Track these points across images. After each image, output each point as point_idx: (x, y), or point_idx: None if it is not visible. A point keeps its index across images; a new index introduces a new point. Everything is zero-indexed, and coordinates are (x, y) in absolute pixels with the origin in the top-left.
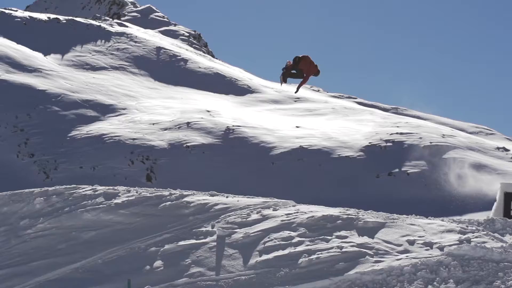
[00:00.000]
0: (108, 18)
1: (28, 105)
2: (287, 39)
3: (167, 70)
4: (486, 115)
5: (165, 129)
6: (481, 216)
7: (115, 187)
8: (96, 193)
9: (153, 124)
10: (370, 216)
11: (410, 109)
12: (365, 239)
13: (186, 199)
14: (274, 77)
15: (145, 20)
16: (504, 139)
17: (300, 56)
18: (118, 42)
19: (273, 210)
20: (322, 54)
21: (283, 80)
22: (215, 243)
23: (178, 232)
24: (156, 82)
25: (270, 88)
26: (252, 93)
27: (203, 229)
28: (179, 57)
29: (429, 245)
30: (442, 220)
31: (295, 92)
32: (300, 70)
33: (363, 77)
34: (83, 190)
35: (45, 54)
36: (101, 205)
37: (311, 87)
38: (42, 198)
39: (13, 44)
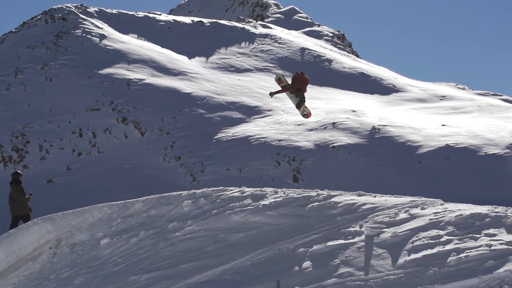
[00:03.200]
0: (251, 20)
1: (173, 108)
2: (432, 37)
3: (312, 71)
4: None
5: (311, 130)
6: None
7: (263, 189)
8: (243, 195)
9: (299, 125)
10: None
11: None
12: None
13: (333, 199)
14: (420, 76)
15: (288, 21)
16: None
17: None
18: (262, 44)
19: (421, 209)
20: (468, 51)
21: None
22: (363, 243)
23: (326, 233)
24: None
25: (415, 87)
26: (397, 92)
27: (351, 229)
28: (323, 58)
29: None
30: None
31: (271, 95)
32: (294, 80)
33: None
34: (231, 192)
35: (190, 57)
36: (249, 207)
37: (456, 85)
38: (190, 201)
39: (157, 47)
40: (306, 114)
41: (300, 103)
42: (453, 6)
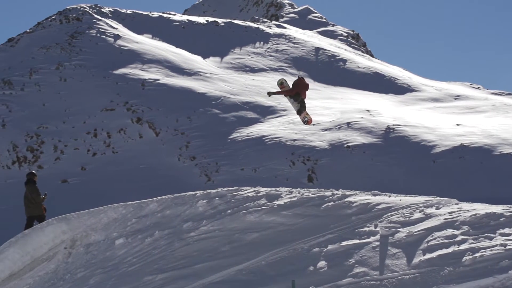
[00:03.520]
0: (266, 20)
1: (188, 108)
2: (446, 36)
3: (326, 71)
4: None
5: (326, 130)
6: None
7: (277, 189)
8: (258, 195)
9: (314, 124)
10: None
11: None
12: None
13: (348, 199)
14: (434, 75)
15: (303, 21)
16: None
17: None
18: (277, 44)
19: (436, 209)
20: (483, 50)
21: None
22: (378, 243)
23: (341, 232)
24: (316, 82)
25: (429, 87)
26: (412, 92)
27: (366, 229)
28: (338, 57)
29: None
30: None
31: (269, 95)
32: (293, 85)
33: None
34: (245, 192)
35: (204, 57)
36: (263, 207)
37: (470, 84)
38: (204, 201)
39: (172, 47)
40: (307, 121)
41: (301, 109)
42: (468, 5)
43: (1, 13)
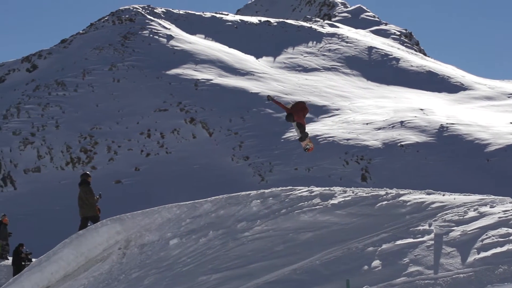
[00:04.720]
0: (318, 19)
1: (241, 108)
2: (499, 33)
3: (379, 70)
4: None
5: (379, 129)
6: None
7: (331, 188)
8: (312, 194)
9: (367, 124)
10: None
11: None
12: None
13: (402, 198)
14: (487, 73)
15: (355, 20)
16: None
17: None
18: (330, 43)
19: (490, 207)
20: None
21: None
22: (432, 242)
23: (395, 232)
24: (369, 81)
25: (483, 85)
26: (465, 90)
27: (420, 227)
28: (391, 56)
29: None
30: None
31: (268, 98)
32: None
33: None
34: (299, 191)
35: (257, 57)
36: (317, 206)
37: None
38: (258, 201)
39: (225, 48)
40: (308, 149)
41: (302, 137)
42: None
43: (54, 14)
